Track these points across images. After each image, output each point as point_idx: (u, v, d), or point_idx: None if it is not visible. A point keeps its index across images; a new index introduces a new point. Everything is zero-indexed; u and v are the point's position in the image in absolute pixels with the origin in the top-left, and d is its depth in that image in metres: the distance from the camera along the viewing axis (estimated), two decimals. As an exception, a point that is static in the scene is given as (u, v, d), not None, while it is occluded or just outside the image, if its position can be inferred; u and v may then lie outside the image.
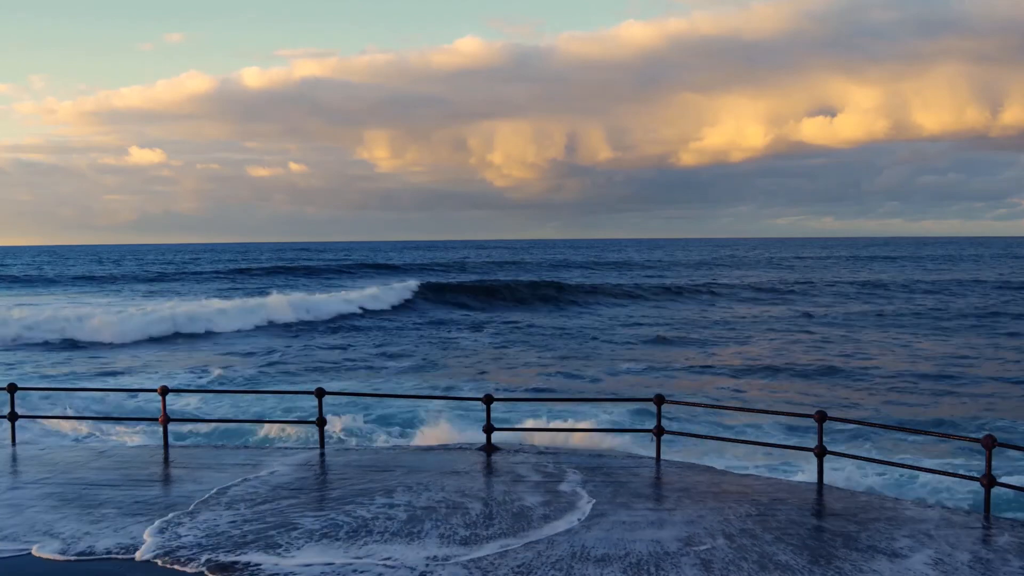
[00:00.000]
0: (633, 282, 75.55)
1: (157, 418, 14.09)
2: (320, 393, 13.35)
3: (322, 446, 13.58)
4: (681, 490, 10.81)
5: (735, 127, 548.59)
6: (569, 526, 9.30)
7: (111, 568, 8.31)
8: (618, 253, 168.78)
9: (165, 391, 13.75)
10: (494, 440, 13.15)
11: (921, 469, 11.84)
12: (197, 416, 20.15)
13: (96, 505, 10.26)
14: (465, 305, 55.74)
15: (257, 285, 70.81)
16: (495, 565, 8.18)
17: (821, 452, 11.13)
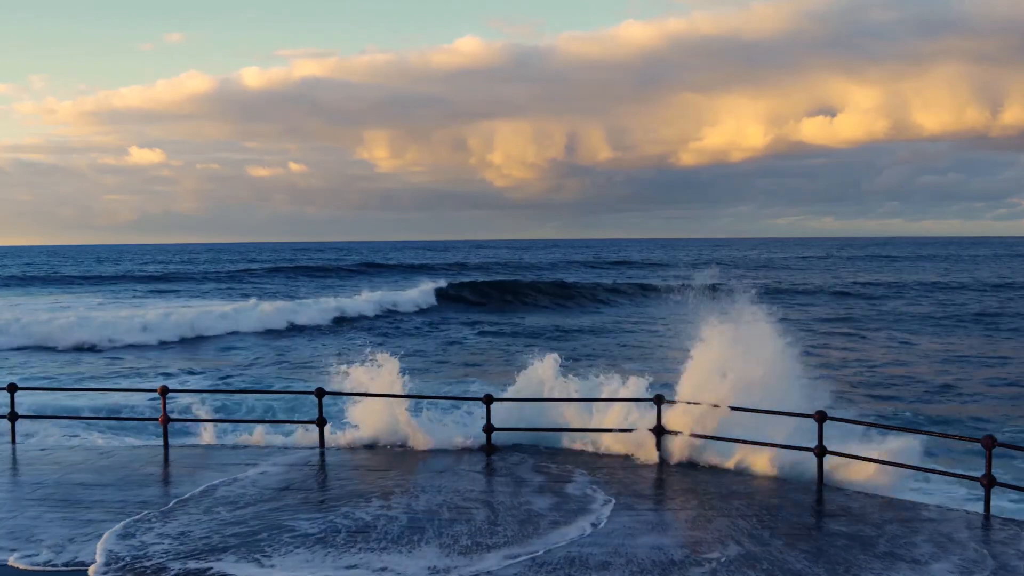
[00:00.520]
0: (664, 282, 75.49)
1: (157, 418, 14.10)
2: (320, 393, 13.39)
3: (322, 446, 13.59)
4: (687, 490, 10.85)
5: (735, 127, 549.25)
6: (580, 532, 9.12)
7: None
8: (616, 253, 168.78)
9: (165, 391, 13.76)
10: (494, 440, 13.15)
11: (921, 469, 11.83)
12: (197, 416, 20.10)
13: (86, 507, 10.18)
14: (469, 302, 55.66)
15: (257, 285, 70.84)
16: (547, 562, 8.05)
17: (821, 452, 11.13)
